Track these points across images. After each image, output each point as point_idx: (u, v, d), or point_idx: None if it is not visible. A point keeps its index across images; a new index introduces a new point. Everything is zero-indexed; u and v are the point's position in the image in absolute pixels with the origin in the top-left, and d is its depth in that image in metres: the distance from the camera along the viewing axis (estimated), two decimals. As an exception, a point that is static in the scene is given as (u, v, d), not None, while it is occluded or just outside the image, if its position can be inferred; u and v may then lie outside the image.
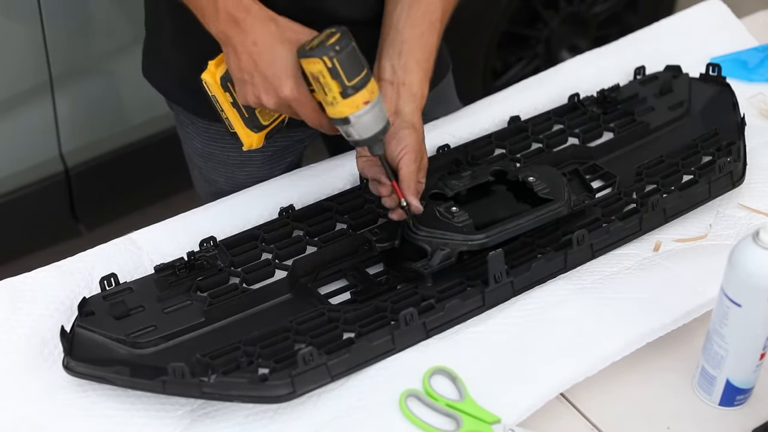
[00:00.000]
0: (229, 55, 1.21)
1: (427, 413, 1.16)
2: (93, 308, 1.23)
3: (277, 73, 1.19)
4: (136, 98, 2.26)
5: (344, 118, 1.18)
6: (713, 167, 1.40)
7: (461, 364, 1.19)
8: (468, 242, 1.27)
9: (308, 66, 1.17)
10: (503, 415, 1.15)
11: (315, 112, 1.22)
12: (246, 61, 1.19)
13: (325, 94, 1.17)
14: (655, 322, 1.24)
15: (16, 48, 2.07)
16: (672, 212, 1.37)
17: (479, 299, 1.25)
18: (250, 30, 1.19)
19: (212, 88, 1.26)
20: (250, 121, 1.28)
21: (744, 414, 1.19)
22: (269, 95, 1.20)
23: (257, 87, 1.20)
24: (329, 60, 1.15)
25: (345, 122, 1.19)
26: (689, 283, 1.28)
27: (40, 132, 2.18)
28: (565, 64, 1.66)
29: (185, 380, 1.13)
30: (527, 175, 1.36)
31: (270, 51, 1.19)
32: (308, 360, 1.15)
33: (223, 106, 1.27)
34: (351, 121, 1.18)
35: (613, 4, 2.73)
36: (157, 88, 1.52)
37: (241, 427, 1.15)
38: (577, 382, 1.19)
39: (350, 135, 1.20)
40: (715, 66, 1.57)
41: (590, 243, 1.31)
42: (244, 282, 1.28)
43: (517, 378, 1.19)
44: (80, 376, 1.16)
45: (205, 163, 1.55)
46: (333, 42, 1.15)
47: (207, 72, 1.25)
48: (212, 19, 1.20)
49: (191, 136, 1.54)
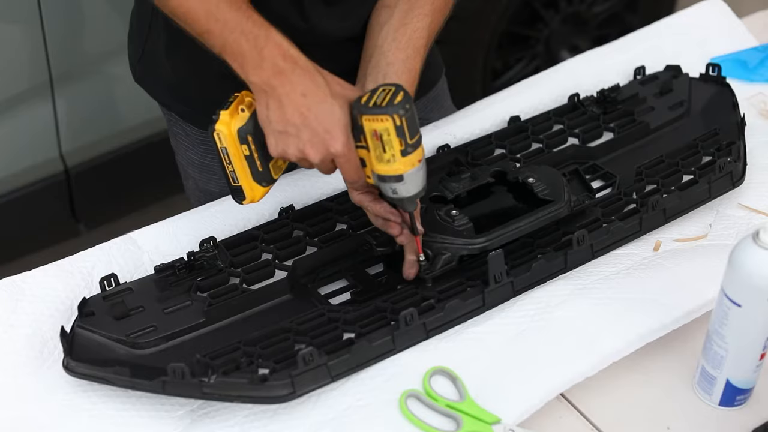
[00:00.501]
0: (269, 107, 1.16)
1: (428, 414, 1.16)
2: (93, 308, 1.23)
3: (329, 127, 1.16)
4: (136, 98, 2.24)
5: (398, 175, 1.17)
6: (713, 167, 1.40)
7: (461, 365, 1.19)
8: (468, 246, 1.27)
9: (372, 123, 1.14)
10: (503, 416, 1.15)
11: (357, 169, 1.19)
12: (293, 114, 1.15)
13: (383, 151, 1.15)
14: (655, 322, 1.24)
15: (16, 48, 2.07)
16: (672, 212, 1.37)
17: (479, 299, 1.25)
18: (298, 81, 1.15)
19: (226, 140, 1.19)
20: (261, 175, 1.22)
21: (744, 414, 1.19)
22: (316, 149, 1.17)
23: (302, 140, 1.16)
24: (399, 118, 1.13)
25: (398, 180, 1.17)
26: (689, 284, 1.28)
27: (40, 132, 2.18)
28: (565, 64, 1.66)
29: (185, 381, 1.13)
30: (527, 176, 1.35)
31: (321, 104, 1.15)
32: (308, 360, 1.15)
33: (234, 159, 1.20)
34: (404, 178, 1.17)
35: (613, 4, 2.73)
36: (152, 95, 1.51)
37: (241, 427, 1.15)
38: (578, 383, 1.19)
39: (397, 192, 1.18)
40: (715, 66, 1.57)
41: (590, 243, 1.31)
42: (244, 282, 1.28)
43: (517, 378, 1.19)
44: (80, 376, 1.16)
45: (201, 175, 1.52)
46: (401, 100, 1.14)
47: (221, 123, 1.19)
48: (255, 69, 1.16)
49: (186, 147, 1.51)
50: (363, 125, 1.16)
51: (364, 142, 1.17)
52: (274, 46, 1.16)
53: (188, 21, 1.19)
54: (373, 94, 1.16)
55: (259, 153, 1.20)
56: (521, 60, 2.66)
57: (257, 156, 1.20)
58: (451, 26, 1.39)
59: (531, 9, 2.61)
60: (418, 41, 1.29)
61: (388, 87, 1.16)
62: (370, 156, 1.18)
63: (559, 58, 2.58)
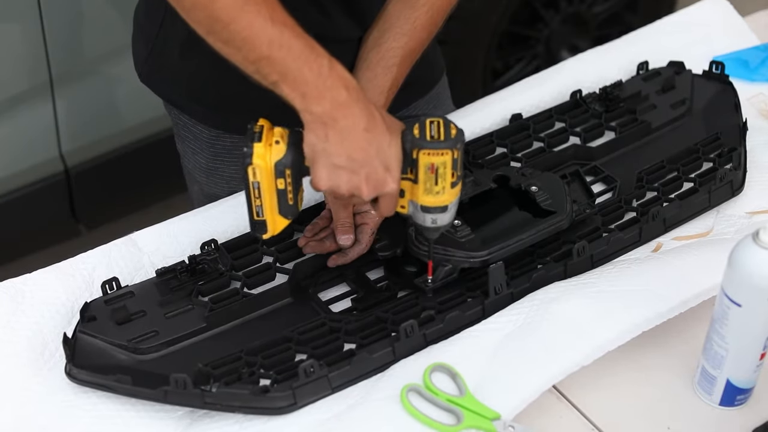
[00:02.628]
0: (329, 139, 1.12)
1: (428, 408, 1.16)
2: (95, 313, 1.23)
3: (390, 166, 1.14)
4: (136, 98, 2.25)
5: (444, 206, 1.17)
6: (713, 176, 1.39)
7: (459, 361, 1.19)
8: (470, 259, 1.27)
9: (431, 158, 1.13)
10: (501, 408, 1.15)
11: (396, 202, 1.18)
12: (355, 149, 1.12)
13: (434, 184, 1.15)
14: (650, 311, 1.23)
15: (16, 48, 2.07)
16: (672, 222, 1.37)
17: (479, 311, 1.25)
18: (360, 115, 1.12)
19: (261, 174, 1.14)
20: (289, 208, 1.17)
21: (744, 414, 1.19)
22: (372, 186, 1.14)
23: (360, 176, 1.13)
24: (457, 152, 1.14)
25: (442, 210, 1.17)
26: (685, 274, 1.27)
27: (40, 132, 2.18)
28: (567, 62, 1.65)
29: (187, 390, 1.13)
30: (530, 184, 1.35)
31: (382, 141, 1.13)
32: (309, 372, 1.15)
33: (265, 193, 1.15)
34: (448, 209, 1.18)
35: (613, 4, 2.73)
36: (161, 95, 1.47)
37: (240, 425, 1.15)
38: (577, 381, 1.19)
39: (436, 222, 1.19)
40: (718, 64, 1.56)
41: (590, 254, 1.31)
42: (245, 286, 1.28)
43: (514, 371, 1.18)
44: (82, 383, 1.16)
45: (208, 179, 1.50)
46: (456, 134, 1.14)
47: (257, 156, 1.13)
48: (318, 99, 1.12)
49: (194, 150, 1.49)
50: (419, 159, 1.14)
51: (412, 175, 1.16)
52: (338, 77, 1.13)
53: (246, 47, 1.12)
54: (423, 127, 1.14)
55: (293, 186, 1.17)
56: (521, 60, 2.66)
57: (290, 189, 1.16)
58: (451, 26, 1.39)
59: (531, 9, 2.61)
60: (389, 60, 1.29)
61: (434, 119, 1.15)
62: (417, 188, 1.16)
63: (559, 59, 2.57)
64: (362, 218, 1.30)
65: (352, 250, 1.30)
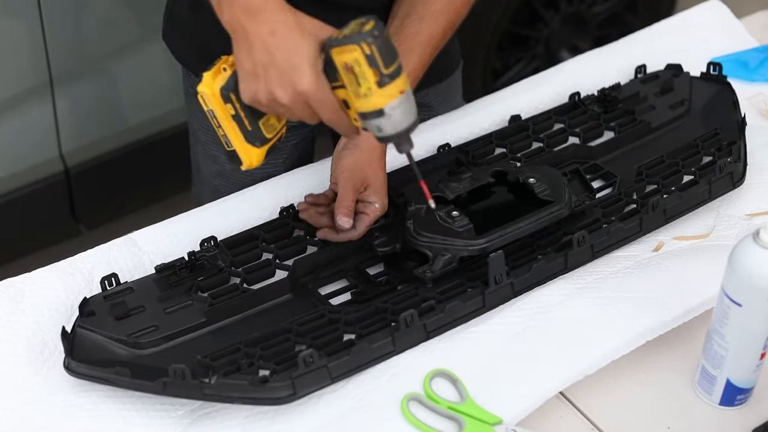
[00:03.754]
0: (240, 48, 1.12)
1: (429, 416, 1.16)
2: (94, 308, 1.23)
3: (296, 64, 1.09)
4: (136, 98, 2.26)
5: (379, 110, 1.10)
6: (713, 168, 1.40)
7: (461, 365, 1.19)
8: (469, 247, 1.27)
9: (342, 55, 1.08)
10: (503, 415, 1.15)
11: (335, 109, 1.13)
12: (261, 53, 1.10)
13: (358, 85, 1.09)
14: (655, 320, 1.24)
15: (16, 48, 2.07)
16: (672, 213, 1.37)
17: (479, 300, 1.25)
18: (267, 20, 1.10)
19: (210, 101, 1.16)
20: (252, 134, 1.17)
21: (744, 414, 1.19)
22: (284, 89, 1.10)
23: (271, 81, 1.10)
24: (368, 46, 1.07)
25: (378, 115, 1.10)
26: (689, 282, 1.28)
27: (40, 132, 2.18)
28: (566, 64, 1.66)
29: (186, 381, 1.13)
30: (528, 176, 1.35)
31: (289, 41, 1.10)
32: (309, 362, 1.15)
33: (222, 120, 1.17)
34: (386, 113, 1.10)
35: (613, 4, 2.73)
36: (174, 53, 1.51)
37: (241, 428, 1.15)
38: (578, 382, 1.19)
39: (382, 129, 1.11)
40: (716, 65, 1.57)
41: (591, 244, 1.31)
42: (244, 282, 1.28)
43: (517, 378, 1.19)
44: (81, 376, 1.16)
45: (211, 138, 1.50)
46: (370, 28, 1.07)
47: (203, 84, 1.15)
48: (227, 8, 1.12)
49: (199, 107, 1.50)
50: (334, 60, 1.09)
51: (340, 81, 1.11)
52: None
53: None
54: (344, 29, 1.09)
55: (245, 111, 1.16)
56: (521, 60, 2.66)
57: (244, 115, 1.16)
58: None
59: (531, 9, 2.61)
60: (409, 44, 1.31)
61: (360, 20, 1.09)
62: (349, 94, 1.11)
63: (559, 59, 2.58)
64: (364, 207, 1.31)
65: (345, 233, 1.30)
